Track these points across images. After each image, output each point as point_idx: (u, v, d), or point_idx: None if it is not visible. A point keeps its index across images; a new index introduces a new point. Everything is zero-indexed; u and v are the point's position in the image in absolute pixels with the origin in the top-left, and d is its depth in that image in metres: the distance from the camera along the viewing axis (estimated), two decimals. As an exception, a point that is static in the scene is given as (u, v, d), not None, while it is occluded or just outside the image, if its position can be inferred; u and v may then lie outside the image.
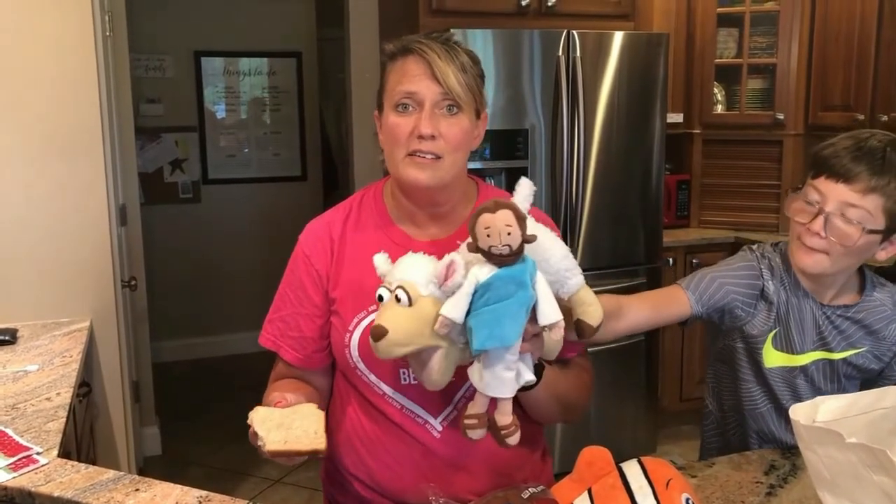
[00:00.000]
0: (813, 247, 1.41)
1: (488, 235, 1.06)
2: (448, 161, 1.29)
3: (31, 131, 2.41)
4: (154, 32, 4.70)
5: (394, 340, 1.08)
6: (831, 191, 1.38)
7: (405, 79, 1.28)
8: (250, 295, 5.12)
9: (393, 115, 1.29)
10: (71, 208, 2.48)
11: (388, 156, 1.33)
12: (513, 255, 1.08)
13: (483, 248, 1.08)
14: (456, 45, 1.31)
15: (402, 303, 1.09)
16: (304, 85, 5.16)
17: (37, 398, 1.82)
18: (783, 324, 1.52)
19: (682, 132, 3.95)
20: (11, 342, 2.24)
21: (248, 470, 3.55)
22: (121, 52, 3.34)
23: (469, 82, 1.28)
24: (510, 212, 1.07)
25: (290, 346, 1.43)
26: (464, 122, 1.29)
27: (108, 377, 2.61)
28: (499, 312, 1.06)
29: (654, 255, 3.48)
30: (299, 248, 1.44)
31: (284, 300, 1.44)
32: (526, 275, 1.08)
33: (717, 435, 1.70)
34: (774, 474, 1.40)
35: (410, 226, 1.39)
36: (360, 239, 1.39)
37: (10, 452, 1.48)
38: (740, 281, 1.53)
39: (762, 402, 1.57)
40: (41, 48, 2.39)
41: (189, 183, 5.00)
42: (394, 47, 1.32)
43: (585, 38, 3.20)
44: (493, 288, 1.07)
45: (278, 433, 1.14)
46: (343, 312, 1.37)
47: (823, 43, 3.65)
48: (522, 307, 1.07)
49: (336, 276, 1.39)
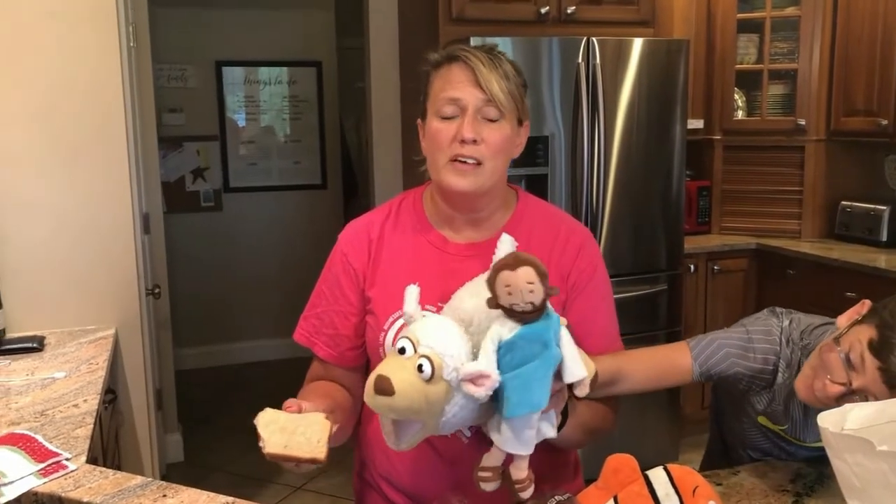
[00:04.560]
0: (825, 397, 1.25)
1: (509, 293, 1.03)
2: (489, 167, 1.30)
3: (58, 141, 2.44)
4: (176, 43, 4.75)
5: (394, 406, 1.02)
6: (867, 384, 1.21)
7: (449, 85, 1.30)
8: (271, 302, 5.16)
9: (436, 122, 1.31)
10: (96, 218, 2.51)
11: (430, 161, 1.35)
12: (535, 312, 1.05)
13: (504, 306, 1.05)
14: (500, 54, 1.33)
15: (423, 374, 1.01)
16: (324, 94, 5.19)
17: (64, 405, 1.84)
18: (784, 405, 1.42)
19: (702, 138, 3.94)
20: (39, 349, 2.27)
21: (269, 477, 3.56)
22: (144, 63, 3.38)
23: (512, 90, 1.30)
24: (531, 268, 1.03)
25: (324, 343, 1.44)
26: (505, 129, 1.31)
27: (133, 384, 2.63)
28: (527, 377, 1.03)
29: (676, 261, 3.46)
30: (338, 246, 1.45)
31: (320, 297, 1.46)
32: (550, 332, 1.05)
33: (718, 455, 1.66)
34: (801, 482, 1.38)
35: (448, 229, 1.40)
36: (397, 240, 1.41)
37: (40, 458, 1.50)
38: (752, 365, 1.41)
39: (766, 443, 1.51)
40: (67, 60, 2.42)
41: (211, 191, 5.04)
42: (438, 56, 1.35)
43: (605, 45, 3.20)
44: (516, 347, 1.04)
45: (280, 437, 1.14)
46: (378, 312, 1.38)
47: (845, 47, 3.62)
48: (549, 369, 1.05)
49: (373, 276, 1.40)
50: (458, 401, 1.04)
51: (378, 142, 3.94)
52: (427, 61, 1.36)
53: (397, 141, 3.92)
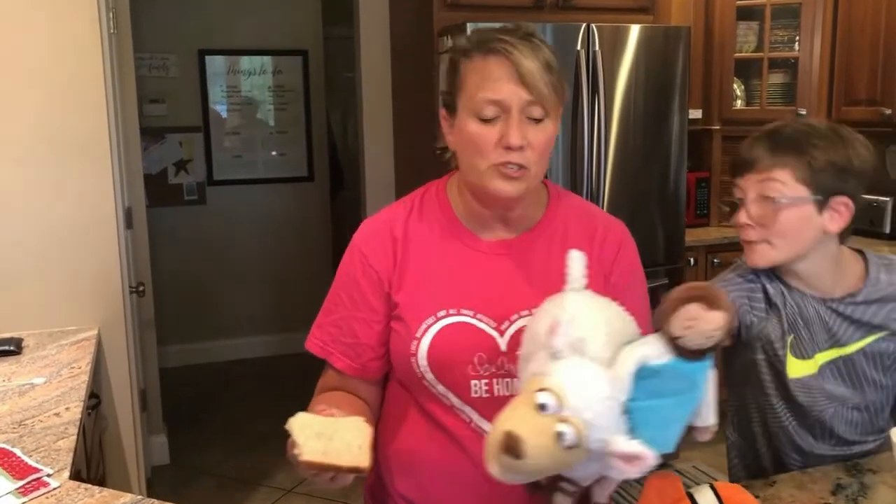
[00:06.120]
0: (750, 239, 1.41)
1: (687, 328, 0.94)
2: (534, 171, 1.21)
3: (37, 133, 2.32)
4: (157, 31, 4.59)
5: (519, 469, 0.91)
6: (744, 182, 1.42)
7: (488, 84, 1.17)
8: (256, 298, 5.05)
9: (474, 124, 1.19)
10: (77, 212, 2.38)
11: (467, 163, 1.24)
12: (699, 354, 0.96)
13: (671, 334, 0.95)
14: (539, 40, 1.21)
15: (563, 443, 0.90)
16: (311, 83, 5.05)
17: (45, 413, 1.72)
18: (794, 328, 1.44)
19: (700, 128, 3.85)
20: (16, 352, 2.14)
21: (259, 479, 3.45)
22: (125, 50, 3.24)
23: (554, 83, 1.19)
24: (725, 316, 0.94)
25: (342, 353, 1.31)
26: (549, 129, 1.21)
27: (117, 387, 2.51)
28: (666, 415, 0.94)
29: (676, 255, 3.39)
30: (355, 247, 1.32)
31: (337, 303, 1.32)
32: (703, 374, 0.97)
33: (744, 466, 1.61)
34: (842, 494, 1.30)
35: (478, 227, 1.30)
36: (424, 238, 1.29)
37: (18, 475, 1.38)
38: (740, 286, 1.46)
39: (786, 418, 1.48)
40: (45, 46, 2.29)
41: (194, 184, 4.90)
42: (468, 43, 1.22)
43: (603, 32, 3.10)
44: (661, 376, 0.95)
45: (317, 443, 1.00)
46: (408, 318, 1.26)
47: (847, 35, 3.55)
48: (689, 413, 0.97)
49: (400, 279, 1.28)
50: (591, 465, 0.95)
51: (368, 134, 3.82)
52: (455, 47, 1.23)
53: (388, 133, 3.81)
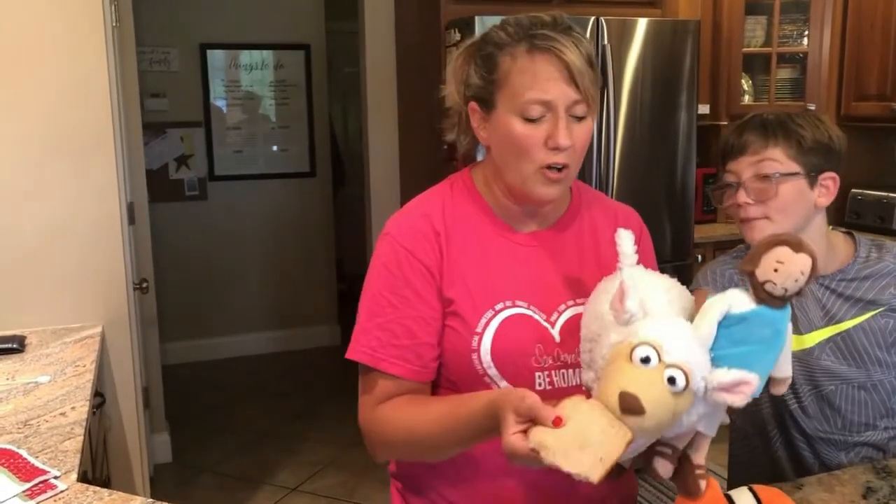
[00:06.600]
0: (751, 216, 1.43)
1: (776, 270, 0.96)
2: (573, 169, 1.20)
3: (40, 128, 2.28)
4: (159, 25, 4.54)
5: (643, 427, 0.90)
6: (737, 166, 1.45)
7: (537, 84, 1.14)
8: (258, 294, 5.01)
9: (519, 124, 1.16)
10: (80, 208, 2.35)
11: (509, 164, 1.21)
12: (782, 301, 0.97)
13: (758, 278, 0.97)
14: (578, 33, 1.17)
15: (675, 388, 0.90)
16: (313, 78, 5.00)
17: (50, 413, 1.68)
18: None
19: (708, 124, 3.81)
20: (20, 350, 2.10)
21: (262, 478, 3.41)
22: (128, 44, 3.20)
23: (595, 78, 1.16)
24: (811, 260, 0.96)
25: (397, 358, 1.21)
26: (590, 125, 1.19)
27: (121, 385, 2.47)
28: (752, 361, 0.94)
29: (685, 251, 3.35)
30: (396, 244, 1.24)
31: (382, 304, 1.23)
32: (785, 321, 0.99)
33: (747, 449, 1.60)
34: (873, 498, 1.26)
35: (511, 219, 1.29)
36: (462, 231, 1.26)
37: (25, 477, 1.35)
38: (734, 265, 1.51)
39: (788, 397, 1.48)
40: (48, 40, 2.25)
41: (195, 180, 4.86)
42: (510, 38, 1.17)
43: (612, 26, 3.07)
44: (747, 323, 0.96)
45: (587, 455, 0.91)
46: (464, 313, 1.21)
47: (857, 30, 3.51)
48: (775, 359, 0.98)
49: (450, 273, 1.23)
50: (697, 410, 0.95)
51: (373, 129, 3.78)
52: (493, 41, 1.19)
53: (393, 128, 3.77)
